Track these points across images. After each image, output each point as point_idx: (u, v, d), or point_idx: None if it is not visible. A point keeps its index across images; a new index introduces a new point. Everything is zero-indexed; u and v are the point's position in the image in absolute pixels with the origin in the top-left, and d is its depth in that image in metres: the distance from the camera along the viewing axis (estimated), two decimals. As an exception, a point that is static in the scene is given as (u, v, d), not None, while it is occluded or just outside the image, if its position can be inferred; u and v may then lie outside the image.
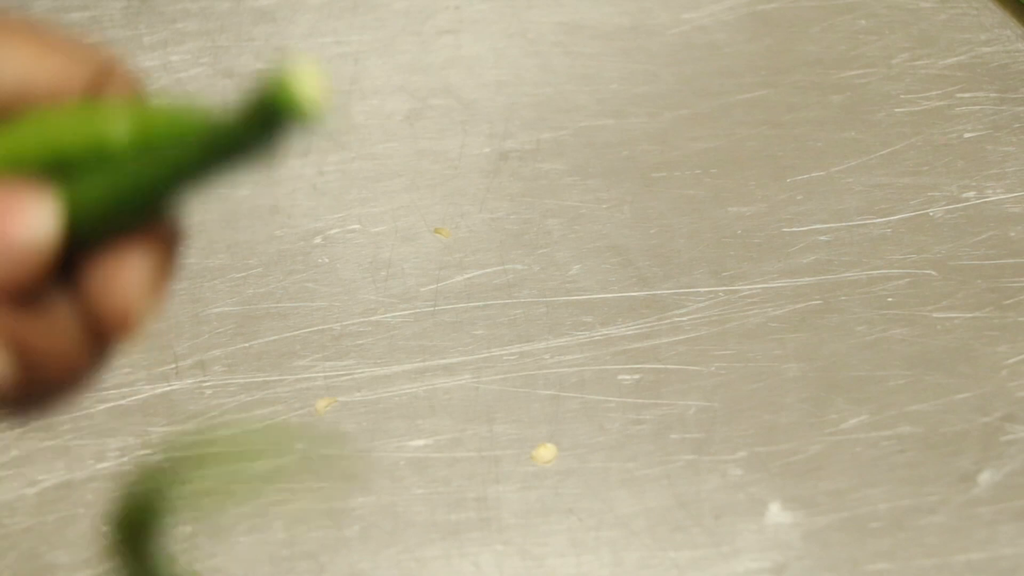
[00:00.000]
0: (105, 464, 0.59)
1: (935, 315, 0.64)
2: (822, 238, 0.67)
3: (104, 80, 0.34)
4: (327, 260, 0.66)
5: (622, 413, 0.60)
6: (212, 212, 0.69)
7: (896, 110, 0.73)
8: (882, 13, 0.78)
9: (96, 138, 0.33)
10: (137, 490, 0.34)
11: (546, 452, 0.59)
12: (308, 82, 0.30)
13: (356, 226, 0.68)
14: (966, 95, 0.74)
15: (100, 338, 0.33)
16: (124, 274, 0.33)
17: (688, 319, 0.64)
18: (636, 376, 0.62)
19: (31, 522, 0.57)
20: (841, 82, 0.74)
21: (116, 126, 0.33)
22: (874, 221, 0.68)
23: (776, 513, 0.57)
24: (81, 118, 0.33)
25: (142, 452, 0.59)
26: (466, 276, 0.66)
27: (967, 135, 0.72)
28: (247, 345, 0.63)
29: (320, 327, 0.64)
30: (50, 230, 0.32)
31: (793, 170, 0.70)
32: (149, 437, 0.60)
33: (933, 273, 0.65)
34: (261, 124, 0.31)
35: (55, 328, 0.32)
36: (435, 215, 0.68)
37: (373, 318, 0.64)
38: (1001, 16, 0.78)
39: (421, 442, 0.60)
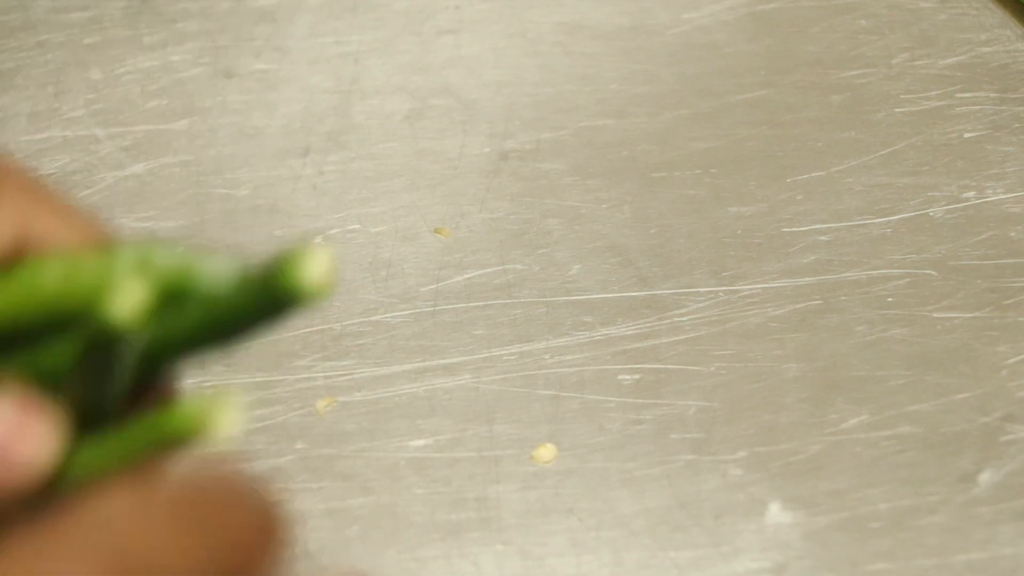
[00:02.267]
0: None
1: (935, 315, 0.64)
2: (822, 238, 0.67)
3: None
4: (327, 260, 0.66)
5: (622, 413, 0.60)
6: (212, 212, 0.69)
7: (896, 110, 0.73)
8: (882, 13, 0.78)
9: (94, 295, 0.32)
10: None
11: (546, 452, 0.59)
12: (316, 266, 0.30)
13: (356, 226, 0.68)
14: (966, 95, 0.74)
15: None
16: None
17: (688, 319, 0.64)
18: (636, 376, 0.62)
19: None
20: (841, 82, 0.74)
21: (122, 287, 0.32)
22: (874, 221, 0.68)
23: (776, 513, 0.57)
24: (79, 273, 0.32)
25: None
26: (466, 276, 0.66)
27: (967, 135, 0.72)
28: (247, 345, 0.63)
29: (320, 327, 0.64)
30: (51, 447, 0.32)
31: (793, 170, 0.70)
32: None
33: (933, 273, 0.65)
34: (267, 303, 0.31)
35: None
36: (435, 215, 0.68)
37: (373, 318, 0.64)
38: (1001, 16, 0.78)
39: (421, 442, 0.60)
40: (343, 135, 0.72)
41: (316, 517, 0.57)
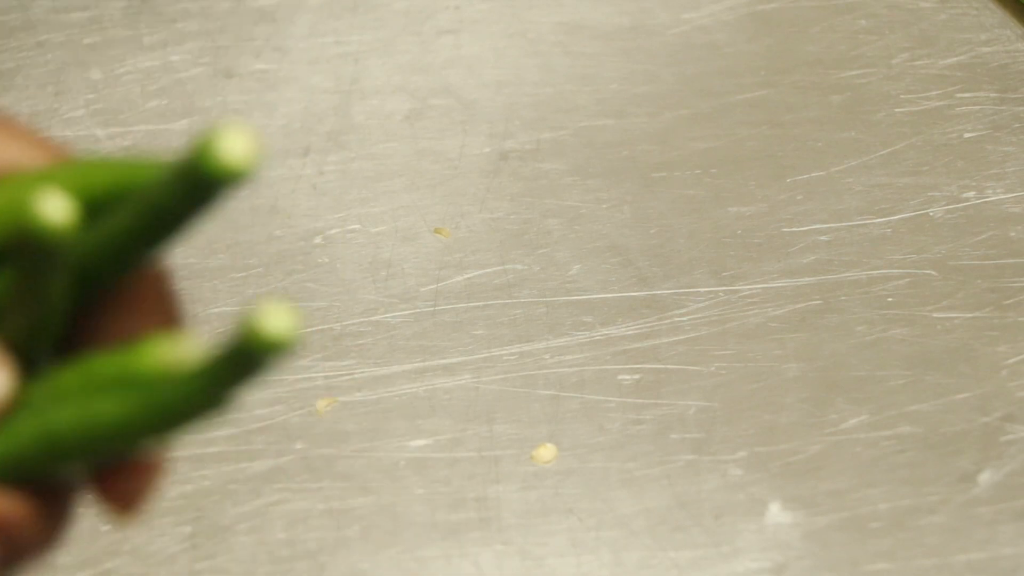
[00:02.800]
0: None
1: (935, 315, 0.64)
2: (822, 238, 0.67)
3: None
4: (327, 260, 0.67)
5: (622, 413, 0.60)
6: (212, 212, 0.69)
7: (896, 110, 0.73)
8: (882, 13, 0.78)
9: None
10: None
11: (546, 452, 0.59)
12: (236, 142, 0.30)
13: (356, 226, 0.68)
14: (966, 95, 0.74)
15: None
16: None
17: (688, 319, 0.64)
18: (636, 376, 0.62)
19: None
20: (841, 82, 0.74)
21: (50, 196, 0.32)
22: (874, 221, 0.68)
23: (776, 513, 0.57)
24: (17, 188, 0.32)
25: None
26: (466, 276, 0.66)
27: (967, 135, 0.72)
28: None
29: (320, 327, 0.64)
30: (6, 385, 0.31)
31: (793, 170, 0.70)
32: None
33: (933, 273, 0.65)
34: (194, 188, 0.30)
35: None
36: (435, 215, 0.68)
37: (373, 318, 0.64)
38: (1001, 16, 0.78)
39: (421, 442, 0.60)
40: (343, 135, 0.72)
41: (316, 517, 0.57)
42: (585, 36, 0.77)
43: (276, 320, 0.31)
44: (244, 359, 0.31)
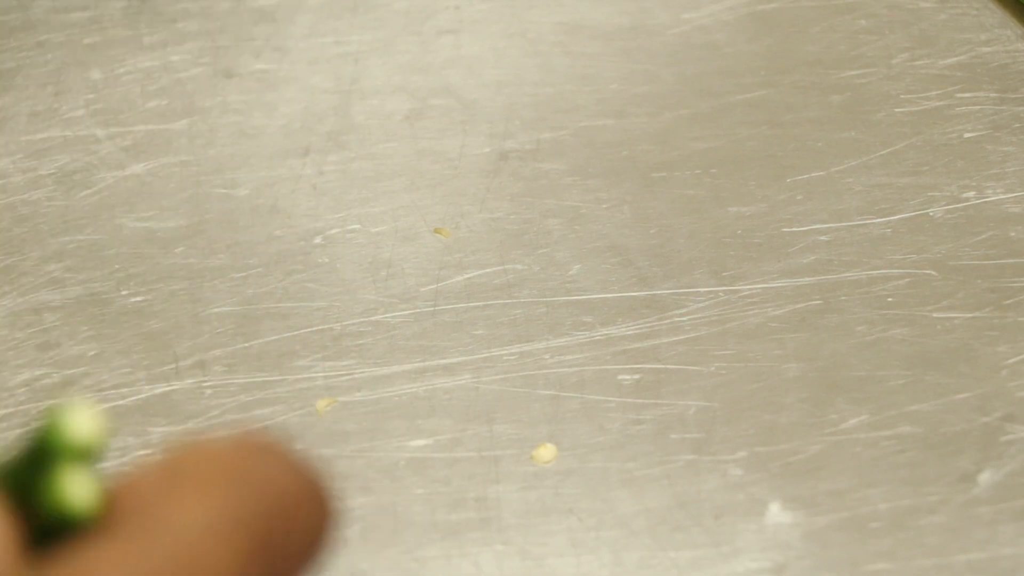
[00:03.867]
0: (104, 464, 0.59)
1: (935, 315, 0.64)
2: (822, 238, 0.67)
3: None
4: (327, 260, 0.67)
5: (622, 413, 0.60)
6: (212, 212, 0.69)
7: (896, 110, 0.73)
8: (882, 13, 0.78)
9: None
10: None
11: (546, 452, 0.59)
12: (81, 423, 0.30)
13: (356, 226, 0.68)
14: (966, 95, 0.74)
15: None
16: None
17: (688, 319, 0.64)
18: (636, 376, 0.62)
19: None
20: (841, 82, 0.74)
21: None
22: (874, 221, 0.68)
23: (776, 513, 0.57)
24: None
25: (142, 452, 0.59)
26: (466, 276, 0.66)
27: (967, 135, 0.72)
28: (247, 345, 0.63)
29: (320, 327, 0.64)
30: None
31: (793, 170, 0.70)
32: (149, 437, 0.60)
33: (933, 273, 0.65)
34: (40, 466, 0.30)
35: None
36: (435, 215, 0.68)
37: (373, 318, 0.64)
38: (1001, 16, 0.78)
39: (421, 442, 0.60)
40: (343, 135, 0.72)
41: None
42: (585, 36, 0.77)
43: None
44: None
